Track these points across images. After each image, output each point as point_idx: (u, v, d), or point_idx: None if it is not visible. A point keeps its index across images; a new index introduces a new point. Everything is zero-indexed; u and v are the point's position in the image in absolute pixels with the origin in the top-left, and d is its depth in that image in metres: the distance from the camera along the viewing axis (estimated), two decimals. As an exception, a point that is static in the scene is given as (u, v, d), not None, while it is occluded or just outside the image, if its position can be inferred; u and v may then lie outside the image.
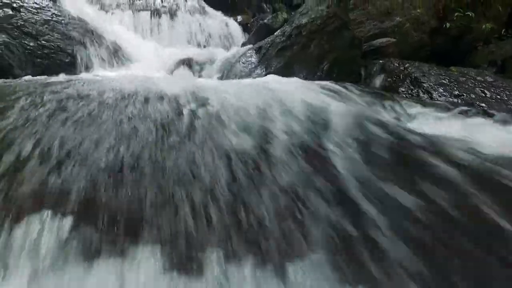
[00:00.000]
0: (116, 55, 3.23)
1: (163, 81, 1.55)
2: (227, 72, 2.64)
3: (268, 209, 0.88)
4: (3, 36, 2.76)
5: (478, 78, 2.16)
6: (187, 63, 2.90)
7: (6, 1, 3.40)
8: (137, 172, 0.94)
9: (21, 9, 3.42)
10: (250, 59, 2.62)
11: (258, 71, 2.52)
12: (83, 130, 1.17)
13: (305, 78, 2.44)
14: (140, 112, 1.33)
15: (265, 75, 2.45)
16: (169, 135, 1.15)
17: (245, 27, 4.65)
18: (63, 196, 0.85)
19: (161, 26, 4.05)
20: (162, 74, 2.55)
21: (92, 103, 1.38)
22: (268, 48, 2.55)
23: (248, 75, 2.54)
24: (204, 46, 3.90)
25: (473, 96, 1.98)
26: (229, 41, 4.15)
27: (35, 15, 3.41)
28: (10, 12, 3.33)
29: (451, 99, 2.03)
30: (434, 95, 2.11)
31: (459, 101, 1.98)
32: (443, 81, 2.18)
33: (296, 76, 2.46)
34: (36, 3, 3.53)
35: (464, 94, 2.02)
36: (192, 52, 3.31)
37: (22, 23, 3.27)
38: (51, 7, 3.55)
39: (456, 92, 2.05)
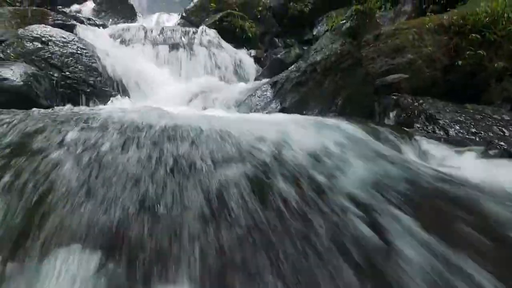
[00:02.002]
0: (136, 86, 3.36)
1: (185, 115, 1.59)
2: (243, 104, 2.70)
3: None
4: (33, 68, 2.91)
5: (495, 116, 2.16)
6: (203, 95, 2.99)
7: (36, 35, 3.63)
8: (163, 208, 0.95)
9: (49, 43, 3.63)
10: (265, 93, 2.68)
11: (273, 105, 2.57)
12: (104, 165, 1.20)
13: (319, 113, 2.48)
14: (160, 146, 1.36)
15: (280, 109, 2.50)
16: (189, 170, 1.17)
17: (258, 61, 4.81)
18: (89, 231, 0.86)
19: (178, 59, 4.22)
20: (181, 107, 2.63)
21: (114, 136, 1.42)
22: (283, 83, 2.62)
23: (263, 108, 2.59)
24: (220, 79, 4.03)
25: (491, 135, 1.97)
26: (243, 74, 4.29)
27: (62, 48, 3.61)
28: (39, 45, 3.54)
29: (468, 137, 2.02)
30: (451, 132, 2.10)
31: (477, 139, 1.97)
32: (459, 118, 2.19)
33: (310, 111, 2.50)
34: (63, 37, 3.75)
35: (482, 132, 2.01)
36: (208, 84, 3.42)
37: (50, 55, 3.46)
38: (77, 41, 3.76)
39: (473, 130, 2.05)
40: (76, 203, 0.95)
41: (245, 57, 4.62)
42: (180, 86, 3.40)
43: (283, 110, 2.51)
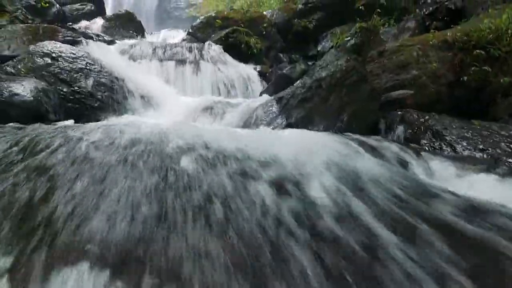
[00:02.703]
0: (142, 101, 3.40)
1: (193, 130, 1.60)
2: (249, 120, 2.72)
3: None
4: (43, 83, 2.97)
5: (502, 132, 2.15)
6: (209, 110, 3.01)
7: (46, 51, 3.72)
8: (173, 224, 0.94)
9: (59, 58, 3.71)
10: (271, 108, 2.70)
11: (279, 120, 2.58)
12: (112, 181, 1.20)
13: (325, 129, 2.48)
14: (165, 161, 1.36)
15: (286, 125, 2.51)
16: (199, 187, 1.17)
17: (263, 76, 4.86)
18: (99, 248, 0.86)
19: (185, 75, 4.29)
20: (187, 122, 2.65)
21: (123, 153, 1.43)
22: (289, 99, 2.64)
23: (269, 124, 2.60)
24: (226, 94, 4.08)
25: (499, 151, 1.95)
26: (249, 89, 4.33)
27: (71, 63, 3.69)
28: (49, 61, 3.62)
29: (476, 154, 2.00)
30: (458, 148, 2.09)
31: (485, 156, 1.95)
32: (466, 134, 2.17)
33: (316, 127, 2.51)
34: (73, 53, 3.83)
35: (490, 149, 1.99)
36: (214, 99, 3.45)
37: (59, 70, 3.53)
38: (86, 57, 3.83)
39: (481, 147, 2.03)
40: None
41: (250, 72, 4.67)
42: (186, 102, 3.44)
43: (289, 126, 2.52)
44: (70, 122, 2.71)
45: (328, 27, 6.70)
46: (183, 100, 3.51)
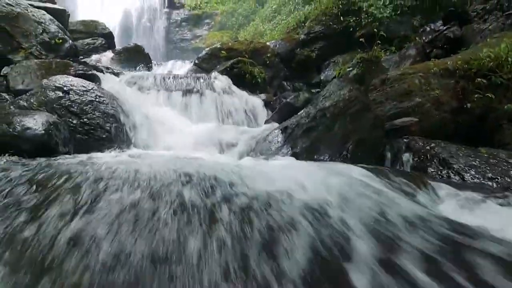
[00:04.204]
0: (150, 132, 3.46)
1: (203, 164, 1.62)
2: (254, 150, 2.74)
3: None
4: (54, 116, 3.05)
5: (511, 160, 2.13)
6: (215, 141, 3.05)
7: (58, 85, 3.85)
8: (180, 263, 0.94)
9: (70, 92, 3.83)
10: (276, 138, 2.73)
11: (284, 150, 2.60)
12: (117, 218, 1.21)
13: (331, 158, 2.49)
14: (170, 195, 1.37)
15: (291, 154, 2.52)
16: (211, 225, 1.16)
17: (268, 104, 4.94)
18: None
19: (191, 104, 4.39)
20: (193, 154, 2.69)
21: (130, 189, 1.44)
22: (293, 129, 2.67)
23: (275, 153, 2.62)
24: (231, 123, 4.14)
25: (509, 180, 1.93)
26: (254, 118, 4.40)
27: (81, 96, 3.79)
28: (61, 94, 3.74)
29: (485, 182, 1.98)
30: (466, 177, 2.07)
31: (494, 185, 1.93)
32: (474, 162, 2.16)
33: (321, 156, 2.52)
34: (83, 86, 3.95)
35: (499, 177, 1.97)
36: (220, 129, 3.50)
37: (70, 103, 3.63)
38: (96, 90, 3.95)
39: (490, 175, 2.01)
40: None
41: (255, 101, 4.77)
42: (193, 131, 3.49)
43: (294, 155, 2.54)
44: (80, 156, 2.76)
45: (330, 55, 6.89)
46: (190, 130, 3.57)
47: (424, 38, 5.80)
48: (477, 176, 2.04)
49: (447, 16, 5.45)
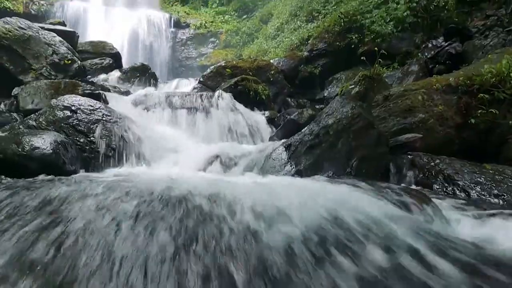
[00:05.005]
0: (156, 150, 3.50)
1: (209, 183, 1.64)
2: (259, 167, 2.75)
3: None
4: (62, 136, 3.11)
5: (516, 177, 2.12)
6: (220, 158, 3.08)
7: (67, 104, 3.94)
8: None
9: (78, 111, 3.91)
10: (280, 155, 2.74)
11: (288, 167, 2.61)
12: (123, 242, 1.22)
13: (334, 175, 2.49)
14: (175, 214, 1.38)
15: (295, 171, 2.53)
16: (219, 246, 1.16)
17: (272, 121, 4.98)
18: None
19: (196, 122, 4.44)
20: (198, 173, 2.71)
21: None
22: (297, 146, 2.69)
23: (279, 171, 2.63)
24: (236, 141, 4.17)
25: (515, 197, 1.91)
26: (258, 135, 4.43)
27: (89, 115, 3.87)
28: (69, 114, 3.82)
29: (491, 199, 1.96)
30: (472, 194, 2.06)
31: (501, 202, 1.91)
32: (479, 179, 2.15)
33: (325, 173, 2.52)
34: (91, 105, 4.04)
35: (505, 194, 1.95)
36: (224, 147, 3.53)
37: (77, 122, 3.71)
38: (103, 109, 4.03)
39: (496, 192, 1.99)
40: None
41: (259, 118, 4.81)
42: (198, 149, 3.52)
43: (298, 173, 2.54)
44: (88, 174, 2.79)
45: (333, 72, 6.97)
46: (195, 148, 3.60)
47: (426, 54, 5.86)
48: (483, 193, 2.02)
49: (448, 32, 5.52)
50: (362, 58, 3.73)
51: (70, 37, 6.26)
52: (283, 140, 3.31)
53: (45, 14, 12.30)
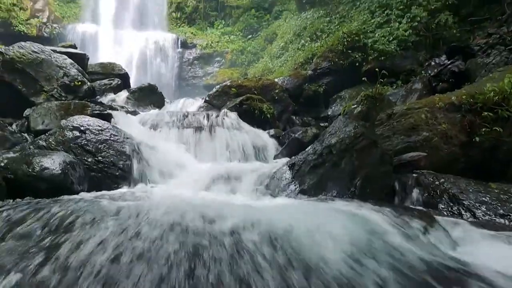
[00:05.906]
0: (162, 169, 3.55)
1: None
2: (263, 186, 2.77)
3: None
4: (70, 156, 3.18)
5: (522, 196, 2.10)
6: (224, 178, 3.10)
7: (76, 125, 4.04)
8: None
9: (87, 131, 4.00)
10: (284, 175, 2.76)
11: (292, 187, 2.62)
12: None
13: (338, 195, 2.49)
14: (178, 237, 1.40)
15: (299, 191, 2.54)
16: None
17: (276, 139, 5.02)
18: None
19: (202, 141, 4.50)
20: (202, 193, 2.74)
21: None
22: (301, 165, 2.71)
23: (283, 190, 2.64)
24: (241, 159, 4.21)
25: (521, 217, 1.89)
26: (263, 153, 4.46)
27: (97, 135, 3.95)
28: (78, 134, 3.91)
29: (497, 219, 1.94)
30: (477, 213, 2.04)
31: (507, 222, 1.89)
32: (484, 199, 2.13)
33: (329, 192, 2.52)
34: (99, 125, 4.13)
35: (510, 214, 1.93)
36: (229, 166, 3.56)
37: (86, 142, 3.79)
38: (111, 129, 4.12)
39: (501, 212, 1.98)
40: None
41: (264, 136, 4.86)
42: (203, 169, 3.56)
43: (302, 192, 2.55)
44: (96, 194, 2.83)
45: (337, 90, 7.05)
46: (200, 167, 3.64)
47: (429, 72, 5.92)
48: (488, 213, 2.00)
49: (451, 50, 5.59)
50: (363, 78, 3.78)
51: (81, 59, 6.48)
52: (287, 159, 3.34)
53: (57, 37, 12.79)
